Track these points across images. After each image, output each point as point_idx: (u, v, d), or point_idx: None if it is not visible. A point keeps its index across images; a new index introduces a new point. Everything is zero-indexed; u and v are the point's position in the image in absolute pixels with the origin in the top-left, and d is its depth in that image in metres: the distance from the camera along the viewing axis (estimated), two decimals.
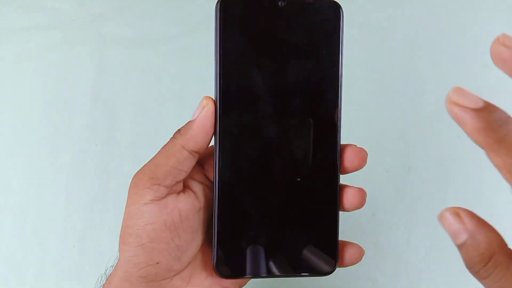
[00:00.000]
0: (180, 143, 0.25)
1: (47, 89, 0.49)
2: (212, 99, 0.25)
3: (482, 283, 0.19)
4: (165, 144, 0.26)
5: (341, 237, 0.27)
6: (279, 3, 0.24)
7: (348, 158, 0.27)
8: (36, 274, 0.43)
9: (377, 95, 0.51)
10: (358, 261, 0.28)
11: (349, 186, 0.27)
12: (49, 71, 0.49)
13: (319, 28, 0.25)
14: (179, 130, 0.26)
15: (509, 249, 0.19)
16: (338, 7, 0.25)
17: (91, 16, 0.51)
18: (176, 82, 0.49)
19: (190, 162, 0.25)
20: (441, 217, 0.19)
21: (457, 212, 0.19)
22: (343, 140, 0.27)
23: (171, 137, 0.26)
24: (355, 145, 0.27)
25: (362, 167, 0.27)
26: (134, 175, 0.25)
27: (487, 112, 0.17)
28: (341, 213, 0.27)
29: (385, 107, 0.51)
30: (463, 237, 0.19)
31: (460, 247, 0.19)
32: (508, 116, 0.17)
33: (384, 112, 0.50)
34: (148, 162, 0.26)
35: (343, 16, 0.25)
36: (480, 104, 0.17)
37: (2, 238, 0.44)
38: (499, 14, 0.53)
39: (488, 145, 0.17)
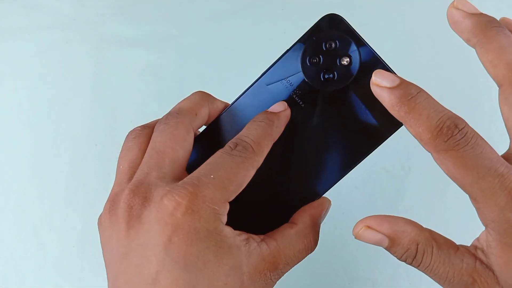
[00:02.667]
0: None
1: (47, 89, 0.49)
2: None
3: (418, 269, 0.21)
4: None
5: (342, 237, 0.27)
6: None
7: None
8: (36, 274, 0.43)
9: None
10: None
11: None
12: (49, 71, 0.49)
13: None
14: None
15: (427, 230, 0.20)
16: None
17: (91, 16, 0.51)
18: (176, 82, 0.49)
19: None
20: (357, 237, 0.21)
21: (367, 226, 0.21)
22: None
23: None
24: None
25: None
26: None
27: (399, 89, 0.19)
28: (341, 212, 0.27)
29: None
30: (385, 244, 0.21)
31: (388, 249, 0.21)
32: (420, 91, 0.19)
33: None
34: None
35: None
36: (396, 83, 0.20)
37: (2, 238, 0.44)
38: (499, 14, 0.53)
39: (401, 118, 0.19)
